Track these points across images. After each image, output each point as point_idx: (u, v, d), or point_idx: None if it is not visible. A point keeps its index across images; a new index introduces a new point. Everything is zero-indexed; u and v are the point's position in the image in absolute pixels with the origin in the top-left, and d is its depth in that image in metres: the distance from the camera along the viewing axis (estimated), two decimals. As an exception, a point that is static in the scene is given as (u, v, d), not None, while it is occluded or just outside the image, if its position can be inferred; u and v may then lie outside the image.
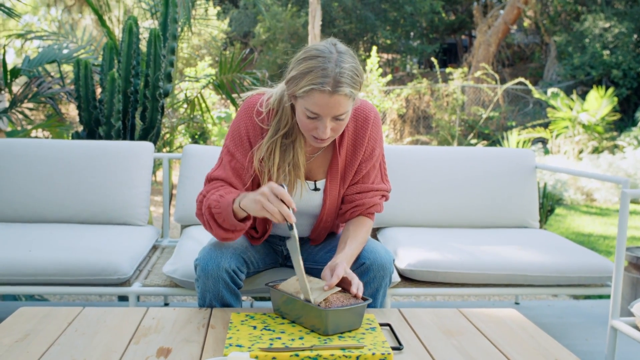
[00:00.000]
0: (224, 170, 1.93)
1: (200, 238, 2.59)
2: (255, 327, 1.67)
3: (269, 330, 1.66)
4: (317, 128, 1.76)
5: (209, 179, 1.95)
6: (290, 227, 1.67)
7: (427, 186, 3.09)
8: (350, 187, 2.00)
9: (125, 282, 2.41)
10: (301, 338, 1.60)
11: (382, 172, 2.05)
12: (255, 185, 1.94)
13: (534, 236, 2.95)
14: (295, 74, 1.73)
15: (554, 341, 1.69)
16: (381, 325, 1.75)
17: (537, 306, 3.50)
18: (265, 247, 2.17)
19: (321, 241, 2.14)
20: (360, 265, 1.90)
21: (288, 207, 1.65)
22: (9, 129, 5.65)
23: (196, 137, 9.41)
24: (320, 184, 1.99)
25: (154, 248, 2.97)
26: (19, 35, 4.72)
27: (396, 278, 2.43)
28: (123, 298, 3.38)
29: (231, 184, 1.91)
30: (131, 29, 3.60)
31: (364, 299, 1.70)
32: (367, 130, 1.96)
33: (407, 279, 2.56)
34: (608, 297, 2.66)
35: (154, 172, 3.47)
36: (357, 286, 1.71)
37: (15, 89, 4.27)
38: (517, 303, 3.51)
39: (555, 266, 2.55)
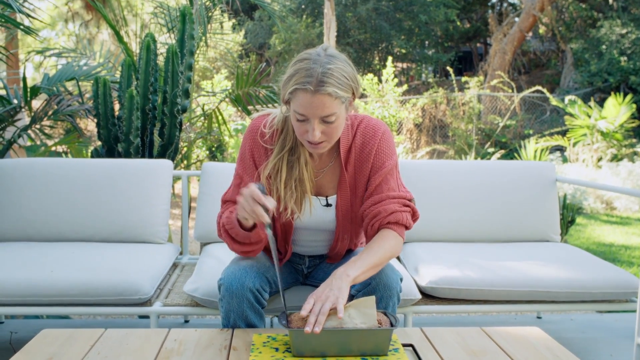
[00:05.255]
0: (234, 193, 1.99)
1: (221, 256, 2.59)
2: (277, 349, 1.66)
3: (292, 351, 1.64)
4: (307, 131, 1.77)
5: (223, 202, 2.04)
6: (269, 227, 1.74)
7: (446, 200, 3.07)
8: (366, 201, 1.95)
9: (147, 302, 2.41)
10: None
11: (398, 182, 1.98)
12: None
13: (556, 250, 2.92)
14: (285, 78, 1.77)
15: (579, 361, 1.66)
16: (404, 345, 1.73)
17: (559, 320, 3.46)
18: (287, 266, 2.16)
19: (339, 260, 2.13)
20: (366, 285, 1.89)
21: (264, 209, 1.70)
22: (28, 143, 5.70)
23: (213, 149, 9.45)
24: (332, 199, 2.00)
25: (174, 266, 2.97)
26: (38, 52, 4.78)
27: (417, 295, 2.41)
28: (144, 315, 3.38)
29: None
30: (149, 46, 3.63)
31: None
32: (374, 143, 1.95)
33: (428, 296, 2.54)
34: (632, 311, 2.62)
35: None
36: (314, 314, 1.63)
37: (35, 104, 4.31)
38: (539, 317, 3.47)
39: (579, 282, 2.51)
